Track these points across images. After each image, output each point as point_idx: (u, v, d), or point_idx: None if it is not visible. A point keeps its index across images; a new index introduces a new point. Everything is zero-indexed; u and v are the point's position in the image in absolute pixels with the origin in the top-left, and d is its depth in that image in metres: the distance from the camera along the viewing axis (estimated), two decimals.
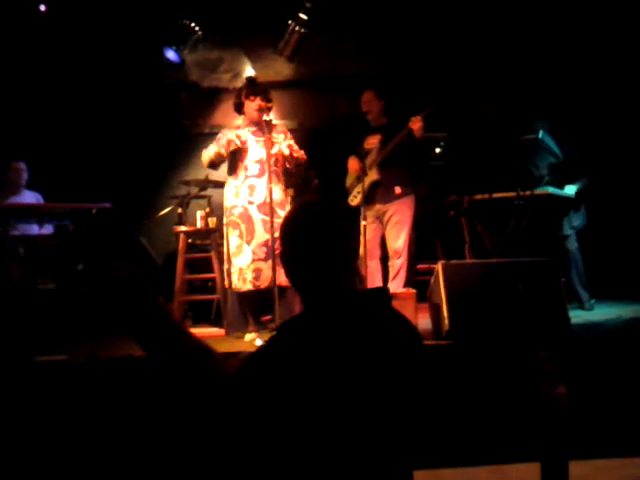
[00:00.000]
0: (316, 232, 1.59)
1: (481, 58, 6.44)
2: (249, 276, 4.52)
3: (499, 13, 6.22)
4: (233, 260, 4.58)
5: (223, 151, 4.60)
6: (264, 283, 4.49)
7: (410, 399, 1.53)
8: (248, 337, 4.60)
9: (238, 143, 4.56)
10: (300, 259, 1.60)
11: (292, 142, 4.70)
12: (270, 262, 4.41)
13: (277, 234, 4.44)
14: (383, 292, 1.66)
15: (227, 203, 4.67)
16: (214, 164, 4.73)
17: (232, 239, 4.60)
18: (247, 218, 4.56)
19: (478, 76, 6.48)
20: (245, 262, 4.54)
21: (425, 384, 1.56)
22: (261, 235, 4.53)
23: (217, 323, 5.33)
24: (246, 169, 4.60)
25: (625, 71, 6.10)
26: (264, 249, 4.51)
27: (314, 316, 1.58)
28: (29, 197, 5.65)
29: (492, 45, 6.37)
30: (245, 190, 4.58)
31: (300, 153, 4.72)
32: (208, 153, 4.68)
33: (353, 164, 5.09)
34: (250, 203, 4.57)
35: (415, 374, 1.55)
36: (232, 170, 4.67)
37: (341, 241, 1.60)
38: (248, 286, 4.53)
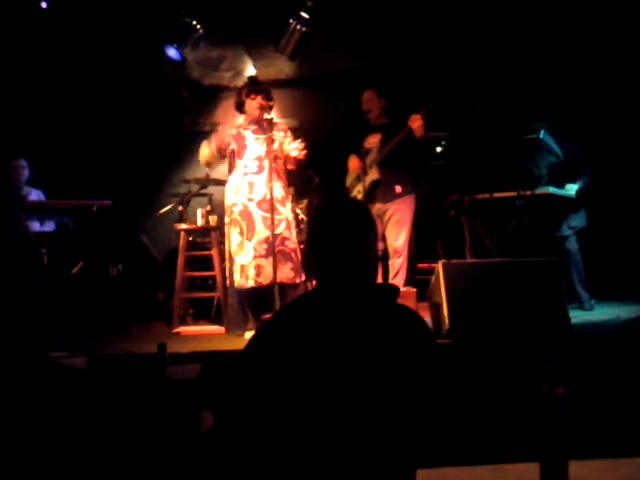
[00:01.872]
0: (345, 224, 1.65)
1: (481, 57, 6.44)
2: (251, 273, 4.53)
3: (499, 11, 6.21)
4: (235, 258, 4.59)
5: (217, 154, 4.69)
6: (265, 280, 4.50)
7: (418, 395, 1.53)
8: (248, 335, 4.60)
9: (233, 146, 4.64)
10: (324, 246, 1.65)
11: (298, 143, 4.64)
12: (271, 259, 4.42)
13: (277, 231, 4.50)
14: (391, 287, 1.70)
15: (228, 201, 4.68)
16: (209, 164, 4.84)
17: (233, 237, 4.61)
18: (247, 215, 4.57)
19: (478, 75, 6.48)
20: (247, 259, 4.55)
21: (435, 380, 1.57)
22: (262, 232, 4.54)
23: (217, 321, 5.34)
24: (245, 166, 4.62)
25: (623, 71, 6.09)
26: (265, 246, 4.52)
27: (316, 302, 1.61)
28: (31, 194, 5.65)
29: (491, 44, 6.37)
30: (245, 187, 4.60)
31: (302, 154, 4.71)
32: (203, 154, 4.74)
33: (353, 163, 5.10)
34: (250, 200, 4.58)
35: (425, 369, 1.56)
36: (231, 168, 4.71)
37: (365, 236, 1.66)
38: (250, 283, 4.54)
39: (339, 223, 1.64)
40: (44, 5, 5.86)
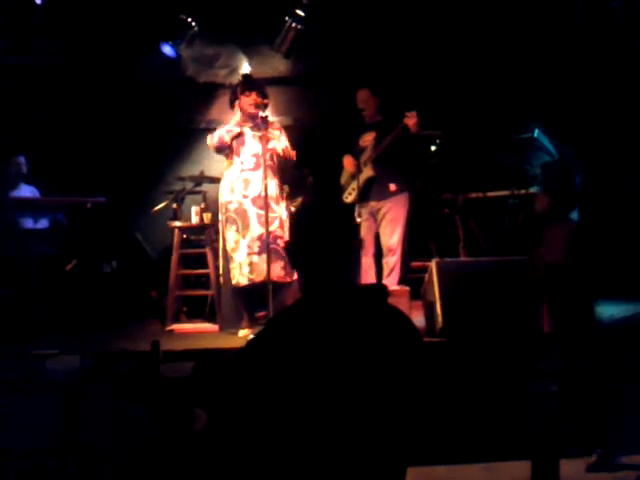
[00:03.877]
0: (326, 229, 1.67)
1: (476, 55, 6.44)
2: (245, 270, 4.54)
3: (493, 11, 6.22)
4: (233, 255, 4.60)
5: (227, 139, 4.65)
6: (259, 277, 4.51)
7: (407, 395, 1.54)
8: (242, 333, 4.61)
9: (236, 130, 4.64)
10: (309, 251, 1.67)
11: (287, 144, 4.71)
12: (264, 256, 4.43)
13: (272, 228, 4.50)
14: (381, 288, 1.71)
15: (222, 199, 4.69)
16: (218, 149, 4.77)
17: (230, 234, 4.62)
18: (242, 212, 4.58)
19: (472, 74, 6.49)
20: (242, 256, 4.56)
21: (423, 380, 1.58)
22: (255, 229, 4.55)
23: (211, 319, 5.33)
24: (242, 162, 4.63)
25: (617, 70, 6.11)
26: (258, 243, 4.53)
27: (309, 305, 1.62)
28: (25, 191, 5.62)
29: (487, 42, 6.37)
30: (240, 184, 4.60)
31: (291, 154, 4.75)
32: (213, 139, 4.72)
33: (348, 162, 5.11)
34: (244, 197, 4.59)
35: (413, 369, 1.57)
36: (228, 164, 4.70)
37: (343, 237, 1.68)
38: (245, 280, 4.55)
39: (321, 228, 1.66)
40: (38, 1, 5.83)
